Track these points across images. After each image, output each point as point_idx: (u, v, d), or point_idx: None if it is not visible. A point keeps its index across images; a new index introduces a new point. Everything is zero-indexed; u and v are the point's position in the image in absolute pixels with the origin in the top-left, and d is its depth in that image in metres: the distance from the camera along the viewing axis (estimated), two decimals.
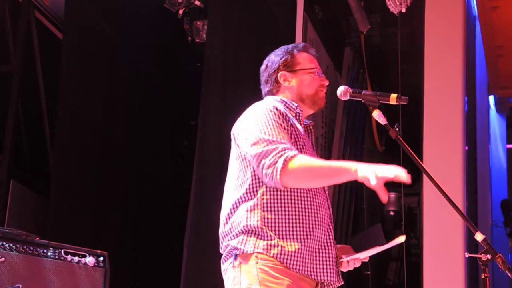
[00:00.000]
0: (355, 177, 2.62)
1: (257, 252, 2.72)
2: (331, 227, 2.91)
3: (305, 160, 2.70)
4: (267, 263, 2.72)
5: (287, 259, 2.73)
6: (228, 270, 2.81)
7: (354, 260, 2.99)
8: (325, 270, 2.82)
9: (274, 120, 2.79)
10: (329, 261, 2.84)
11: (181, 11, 6.12)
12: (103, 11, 5.91)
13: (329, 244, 2.86)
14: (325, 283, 2.85)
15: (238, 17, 5.74)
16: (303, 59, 3.04)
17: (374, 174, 2.56)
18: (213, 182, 2.97)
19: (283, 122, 2.81)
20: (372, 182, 2.55)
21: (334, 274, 2.85)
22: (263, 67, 3.07)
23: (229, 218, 2.83)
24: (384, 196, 2.60)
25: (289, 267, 2.73)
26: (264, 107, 2.85)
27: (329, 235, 2.88)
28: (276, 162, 2.67)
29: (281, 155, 2.68)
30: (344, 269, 2.99)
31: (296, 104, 2.96)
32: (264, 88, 3.06)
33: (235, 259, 2.76)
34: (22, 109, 5.68)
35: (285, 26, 5.66)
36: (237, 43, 5.68)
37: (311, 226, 2.81)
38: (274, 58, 3.04)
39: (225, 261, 2.84)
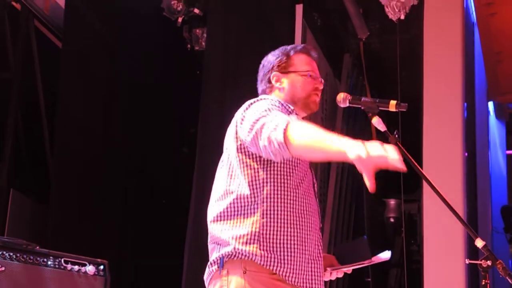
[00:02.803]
0: (347, 153, 2.35)
1: (248, 261, 2.68)
2: (320, 238, 2.88)
3: (305, 124, 2.60)
4: (256, 274, 2.68)
5: (283, 270, 2.69)
6: (213, 277, 2.76)
7: (337, 271, 2.97)
8: (316, 282, 2.80)
9: (272, 105, 2.77)
10: (320, 272, 2.82)
11: (180, 19, 6.13)
12: (102, 19, 5.92)
13: (319, 255, 2.84)
14: None
15: (237, 25, 5.75)
16: (299, 61, 2.98)
17: (366, 153, 2.30)
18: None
19: (283, 110, 2.79)
20: (362, 161, 2.30)
21: (322, 286, 2.83)
22: (260, 66, 3.05)
23: (219, 220, 2.77)
24: (371, 184, 2.33)
25: (285, 278, 2.69)
26: (261, 99, 2.83)
27: (319, 246, 2.85)
28: (278, 124, 2.55)
29: (282, 121, 2.57)
30: (326, 278, 2.96)
31: (292, 107, 2.90)
32: (259, 87, 3.04)
33: (223, 267, 2.72)
34: (22, 117, 5.68)
35: (284, 33, 5.67)
36: (236, 51, 5.68)
37: (305, 236, 2.77)
38: (271, 58, 3.01)
39: (211, 267, 2.78)
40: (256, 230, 2.70)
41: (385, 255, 2.91)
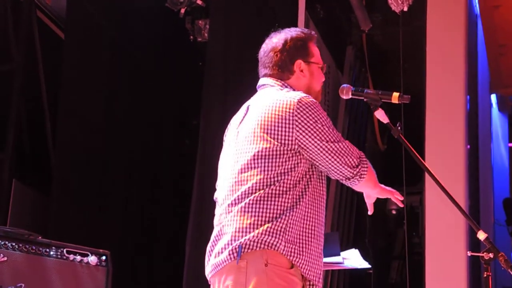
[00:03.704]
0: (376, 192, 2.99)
1: (271, 251, 2.66)
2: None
3: (371, 167, 2.89)
4: (277, 268, 2.66)
5: (301, 261, 2.70)
6: (227, 267, 2.71)
7: None
8: (321, 277, 2.82)
9: (326, 116, 2.83)
10: (322, 268, 2.86)
11: (182, 10, 6.11)
12: (105, 10, 5.91)
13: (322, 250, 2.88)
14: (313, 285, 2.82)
15: (240, 16, 5.74)
16: (316, 52, 3.01)
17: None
18: (215, 180, 2.97)
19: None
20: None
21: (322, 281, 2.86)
22: (272, 45, 2.97)
23: (243, 206, 2.72)
24: (371, 210, 3.07)
25: (301, 269, 2.71)
26: (310, 100, 2.81)
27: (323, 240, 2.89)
28: (363, 162, 2.81)
29: (362, 157, 2.82)
30: None
31: None
32: (270, 70, 2.96)
33: (241, 257, 2.66)
34: (24, 108, 5.68)
35: (286, 25, 5.61)
36: (238, 42, 5.67)
37: (320, 230, 2.81)
38: (290, 41, 2.96)
39: (222, 254, 2.72)
40: (284, 220, 2.70)
41: (355, 256, 2.96)
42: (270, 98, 2.84)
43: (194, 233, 5.27)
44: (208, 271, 2.81)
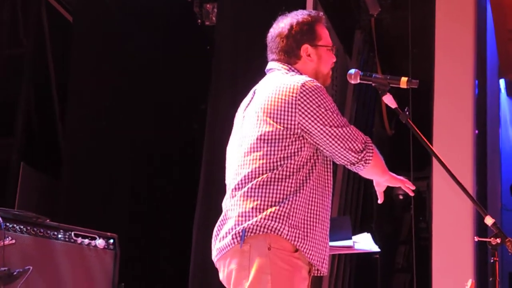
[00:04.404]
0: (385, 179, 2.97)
1: (274, 236, 2.66)
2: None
3: (378, 153, 2.85)
4: (280, 251, 2.67)
5: (305, 245, 2.70)
6: (231, 251, 2.72)
7: None
8: (326, 261, 2.82)
9: (331, 101, 2.79)
10: (328, 252, 2.84)
11: None
12: None
13: (328, 234, 2.86)
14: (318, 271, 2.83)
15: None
16: (324, 34, 2.98)
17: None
18: (223, 165, 2.97)
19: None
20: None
21: (328, 266, 2.87)
22: (278, 30, 2.95)
23: (247, 190, 2.72)
24: (381, 199, 3.03)
25: (305, 253, 2.70)
26: (314, 84, 2.78)
27: (329, 224, 2.87)
28: (369, 148, 2.78)
29: (368, 142, 2.80)
30: None
31: None
32: (277, 55, 2.94)
33: (244, 241, 2.67)
34: (33, 91, 5.69)
35: (295, 8, 5.62)
36: (247, 26, 5.65)
37: (325, 215, 2.80)
38: (296, 26, 2.93)
39: (226, 238, 2.73)
40: (287, 205, 2.69)
41: (367, 239, 2.94)
42: (275, 82, 2.82)
43: (202, 218, 5.28)
44: (214, 255, 2.83)
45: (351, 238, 2.99)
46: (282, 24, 2.96)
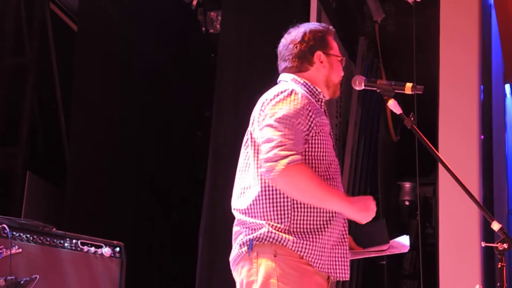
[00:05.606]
0: (346, 214, 2.78)
1: (279, 245, 2.68)
2: (346, 221, 2.87)
3: (308, 172, 2.67)
4: (286, 257, 2.68)
5: (311, 256, 2.70)
6: (242, 259, 2.76)
7: (354, 255, 2.96)
8: (341, 267, 2.80)
9: (299, 113, 2.72)
10: (344, 256, 2.82)
11: (195, 2, 6.12)
12: (117, 2, 5.91)
13: (344, 239, 2.83)
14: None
15: (252, 7, 5.73)
16: (334, 45, 3.00)
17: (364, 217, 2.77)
18: (227, 172, 2.98)
19: (306, 118, 2.73)
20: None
21: (348, 269, 2.83)
22: (291, 38, 2.95)
23: (251, 204, 2.75)
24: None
25: (313, 264, 2.70)
26: (293, 95, 2.75)
27: (345, 230, 2.84)
28: (285, 157, 2.62)
29: (291, 154, 2.63)
30: None
31: (319, 90, 2.91)
32: (290, 62, 2.94)
33: (252, 249, 2.71)
34: (37, 100, 5.70)
35: (299, 15, 5.64)
36: (251, 34, 5.67)
37: (332, 222, 2.77)
38: (309, 34, 2.94)
39: (241, 249, 2.77)
40: (290, 216, 2.70)
41: (404, 241, 2.90)
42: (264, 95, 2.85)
43: (207, 225, 5.27)
44: (231, 266, 2.87)
45: (388, 242, 2.95)
46: (295, 32, 2.98)
